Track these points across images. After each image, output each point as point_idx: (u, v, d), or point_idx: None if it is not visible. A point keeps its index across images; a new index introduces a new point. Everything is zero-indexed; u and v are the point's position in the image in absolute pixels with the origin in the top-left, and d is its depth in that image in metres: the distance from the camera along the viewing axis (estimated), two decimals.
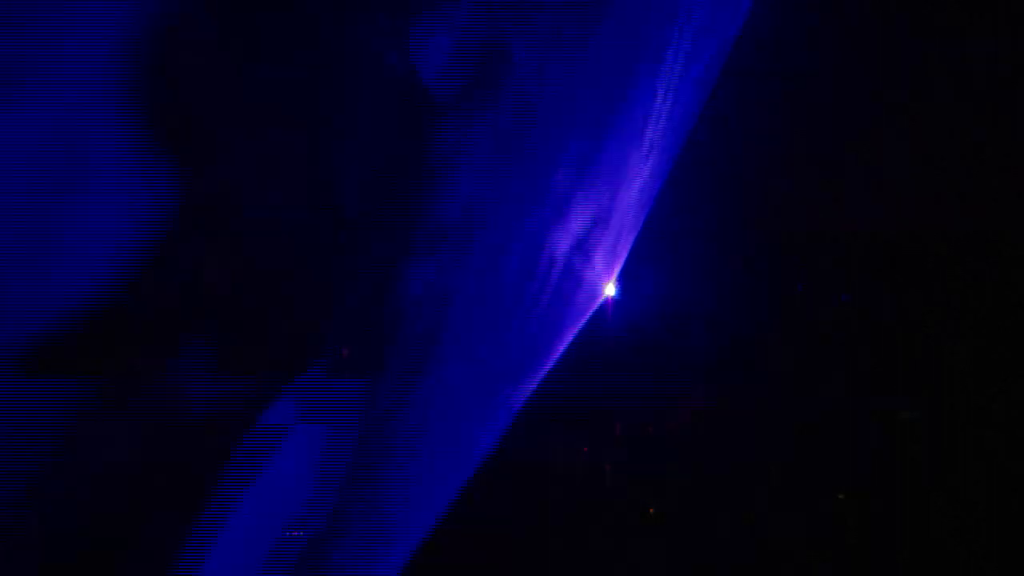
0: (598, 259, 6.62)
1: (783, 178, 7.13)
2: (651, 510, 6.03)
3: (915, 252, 7.11)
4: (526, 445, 5.91)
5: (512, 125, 5.95)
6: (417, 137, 5.90)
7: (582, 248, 6.14)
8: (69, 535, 5.53)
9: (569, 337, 6.03)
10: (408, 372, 5.67)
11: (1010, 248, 6.98)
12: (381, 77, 5.99)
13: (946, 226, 7.18)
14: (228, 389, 5.68)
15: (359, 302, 5.86)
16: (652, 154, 6.90)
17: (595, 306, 7.11)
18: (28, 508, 5.52)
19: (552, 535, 5.80)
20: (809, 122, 7.02)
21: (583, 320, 6.07)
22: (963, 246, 7.08)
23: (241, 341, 5.77)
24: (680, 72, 6.31)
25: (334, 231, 5.92)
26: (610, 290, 7.40)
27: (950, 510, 5.87)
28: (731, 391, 5.83)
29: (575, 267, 6.06)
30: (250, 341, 5.78)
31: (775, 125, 7.02)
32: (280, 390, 5.74)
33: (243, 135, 6.07)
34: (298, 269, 6.01)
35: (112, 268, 5.68)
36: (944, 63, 6.67)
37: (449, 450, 5.72)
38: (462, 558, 5.61)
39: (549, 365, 5.89)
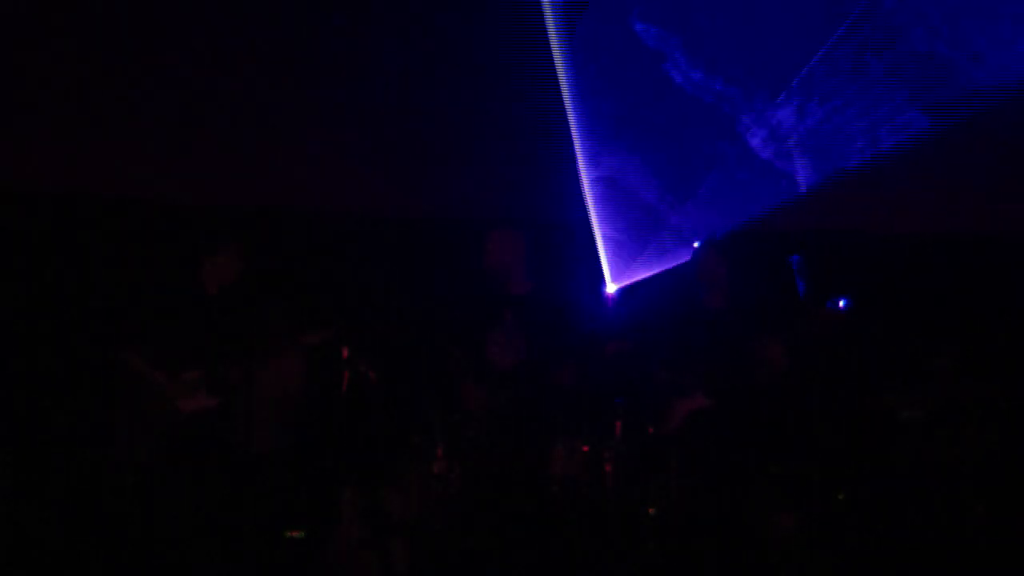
0: None
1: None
2: (651, 510, 6.02)
3: (914, 253, 7.13)
4: (527, 445, 5.90)
5: None
6: None
7: None
8: None
9: None
10: None
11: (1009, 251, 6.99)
12: None
13: (946, 229, 7.20)
14: None
15: None
16: None
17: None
18: None
19: (552, 535, 5.80)
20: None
21: None
22: (962, 249, 7.10)
23: None
24: None
25: None
26: (610, 289, 7.42)
27: (950, 510, 5.87)
28: (731, 391, 5.82)
29: None
30: None
31: None
32: None
33: None
34: None
35: None
36: None
37: None
38: (463, 557, 5.61)
39: None
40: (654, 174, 7.26)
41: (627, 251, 7.40)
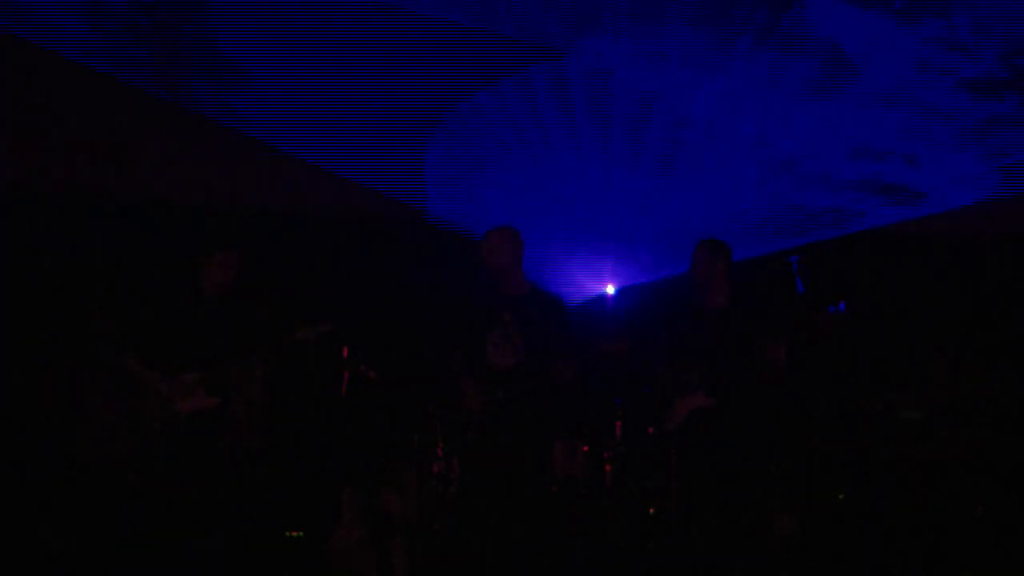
0: None
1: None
2: (651, 510, 6.02)
3: (914, 253, 7.13)
4: (527, 445, 5.90)
5: None
6: None
7: None
8: None
9: None
10: None
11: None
12: None
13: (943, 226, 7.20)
14: None
15: None
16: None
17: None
18: None
19: (552, 535, 5.79)
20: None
21: None
22: (962, 249, 7.10)
23: None
24: None
25: None
26: (610, 290, 7.42)
27: (949, 509, 5.87)
28: (732, 391, 5.82)
29: None
30: None
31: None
32: None
33: None
34: None
35: None
36: None
37: None
38: (463, 557, 5.60)
39: None
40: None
41: (626, 251, 7.41)
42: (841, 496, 5.96)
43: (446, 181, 7.43)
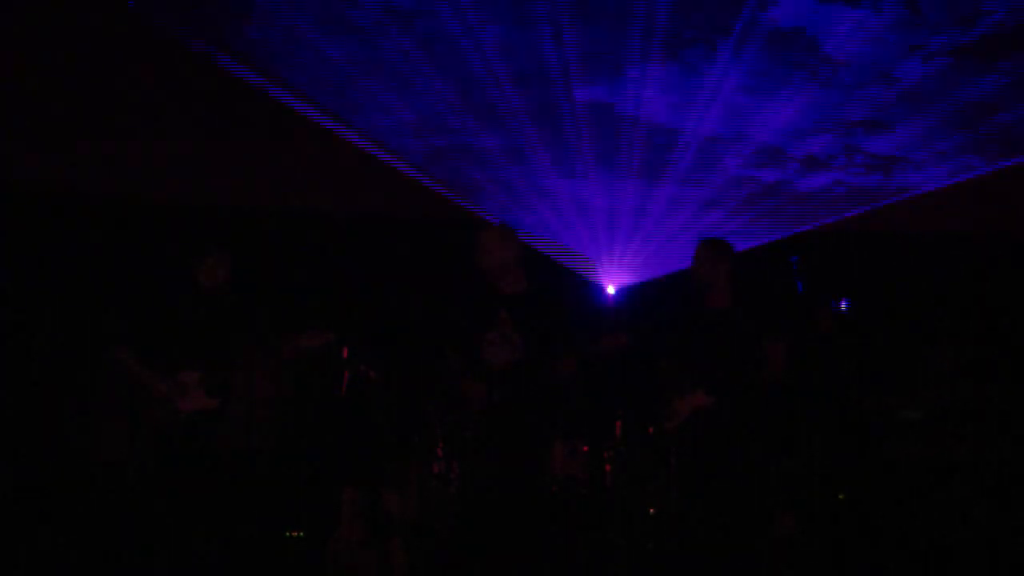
0: None
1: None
2: (651, 510, 6.02)
3: (914, 253, 7.13)
4: (526, 445, 5.90)
5: None
6: None
7: None
8: None
9: None
10: None
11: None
12: None
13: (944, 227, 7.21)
14: None
15: None
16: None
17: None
18: None
19: (552, 535, 5.80)
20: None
21: None
22: (962, 249, 7.10)
23: None
24: None
25: None
26: (610, 290, 7.42)
27: (950, 510, 5.87)
28: (732, 390, 5.82)
29: None
30: None
31: None
32: None
33: None
34: None
35: None
36: None
37: None
38: (463, 557, 5.61)
39: None
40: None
41: (627, 249, 7.41)
42: (841, 496, 5.96)
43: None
